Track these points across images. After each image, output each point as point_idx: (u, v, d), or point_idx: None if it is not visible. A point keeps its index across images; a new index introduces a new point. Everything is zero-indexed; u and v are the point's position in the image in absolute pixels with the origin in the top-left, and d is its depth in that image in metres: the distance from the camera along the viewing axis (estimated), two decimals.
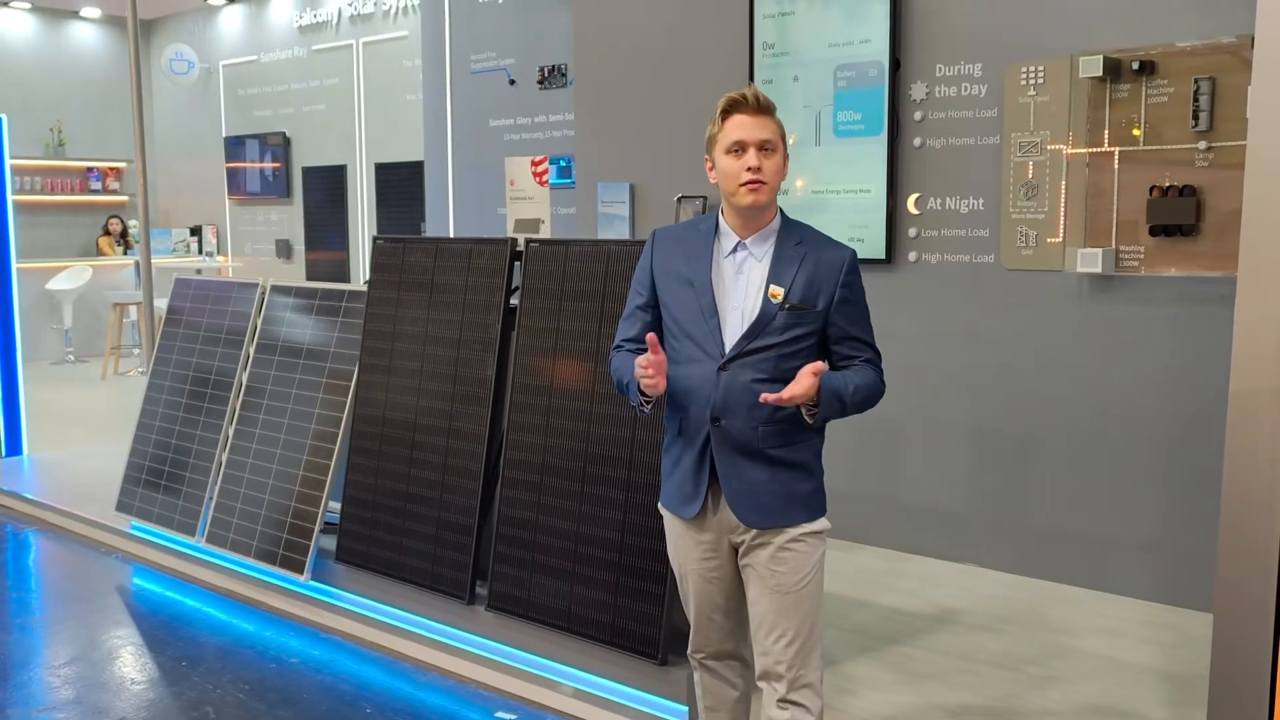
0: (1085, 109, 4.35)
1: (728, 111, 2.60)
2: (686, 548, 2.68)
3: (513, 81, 7.65)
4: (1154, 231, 4.19)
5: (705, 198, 5.45)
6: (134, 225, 13.50)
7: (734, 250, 2.60)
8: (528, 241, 3.95)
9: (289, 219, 12.19)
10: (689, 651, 2.79)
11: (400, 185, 10.76)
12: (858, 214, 4.97)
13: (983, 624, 4.12)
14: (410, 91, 10.57)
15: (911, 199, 4.87)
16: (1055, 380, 4.49)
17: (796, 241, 2.59)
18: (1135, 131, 4.24)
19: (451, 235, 8.21)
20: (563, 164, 7.40)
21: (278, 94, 12.20)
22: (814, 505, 2.60)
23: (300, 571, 4.46)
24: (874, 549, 4.92)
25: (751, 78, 5.27)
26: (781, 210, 2.64)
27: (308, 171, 11.83)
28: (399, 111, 10.79)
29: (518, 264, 4.03)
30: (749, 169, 2.53)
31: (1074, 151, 4.40)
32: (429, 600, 4.10)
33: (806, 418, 2.51)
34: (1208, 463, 4.14)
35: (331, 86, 11.57)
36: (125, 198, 13.97)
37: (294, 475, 4.63)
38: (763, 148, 2.53)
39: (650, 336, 2.48)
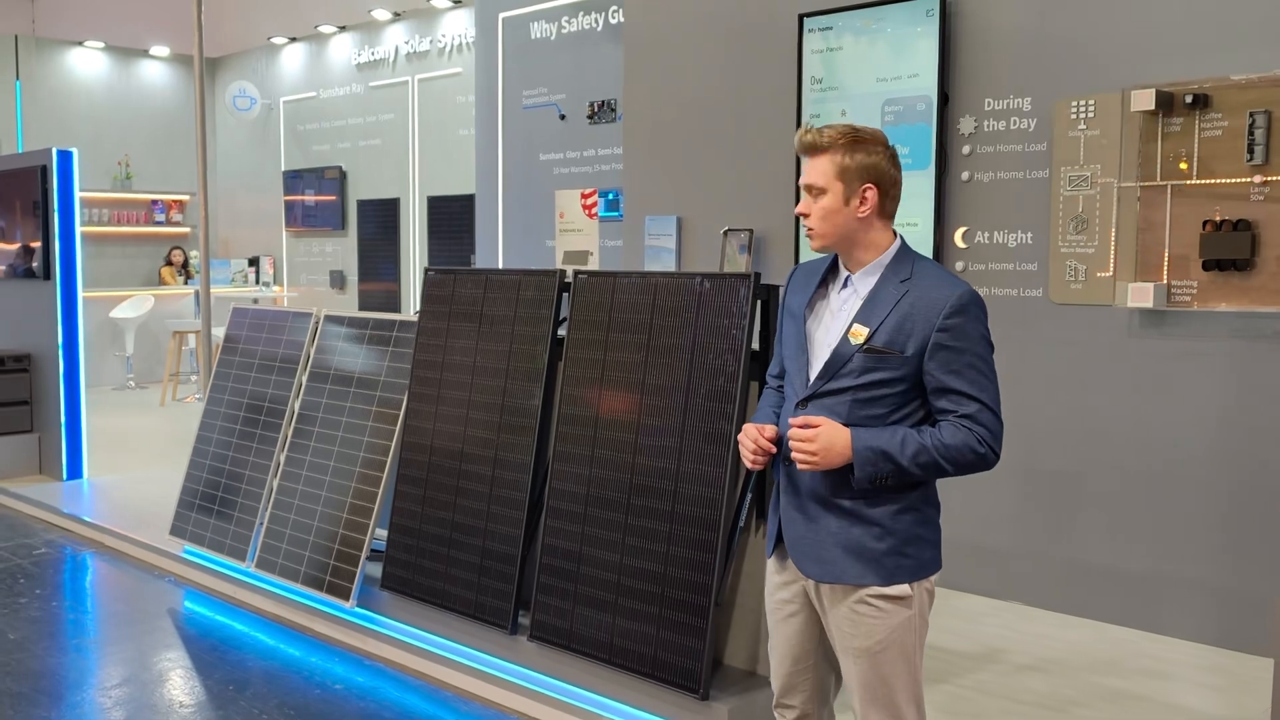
0: (1137, 142, 4.31)
1: (799, 157, 2.54)
2: (770, 582, 2.61)
3: (563, 116, 7.75)
4: (1207, 266, 4.14)
5: (751, 231, 5.47)
6: (195, 256, 13.79)
7: (844, 285, 2.49)
8: (576, 273, 3.99)
9: (343, 250, 12.39)
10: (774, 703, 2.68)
11: (451, 218, 10.90)
12: None
13: (1029, 664, 4.05)
14: (463, 126, 10.74)
15: (959, 233, 4.85)
16: (1104, 416, 4.43)
17: (903, 278, 2.40)
18: (1183, 165, 4.20)
19: (500, 266, 8.29)
20: (610, 197, 7.46)
21: (335, 129, 12.45)
22: (889, 568, 2.39)
23: (346, 598, 4.50)
24: None
25: (799, 113, 5.29)
26: (903, 241, 2.48)
27: (362, 204, 12.03)
28: (452, 146, 10.95)
29: (565, 295, 4.07)
30: (799, 213, 2.49)
31: (1125, 185, 4.36)
32: (472, 629, 4.12)
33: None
34: (1261, 503, 4.07)
35: (387, 122, 11.78)
36: (188, 229, 14.30)
37: (342, 502, 4.69)
38: (810, 191, 2.45)
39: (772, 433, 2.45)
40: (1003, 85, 4.70)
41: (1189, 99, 4.14)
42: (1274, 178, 4.01)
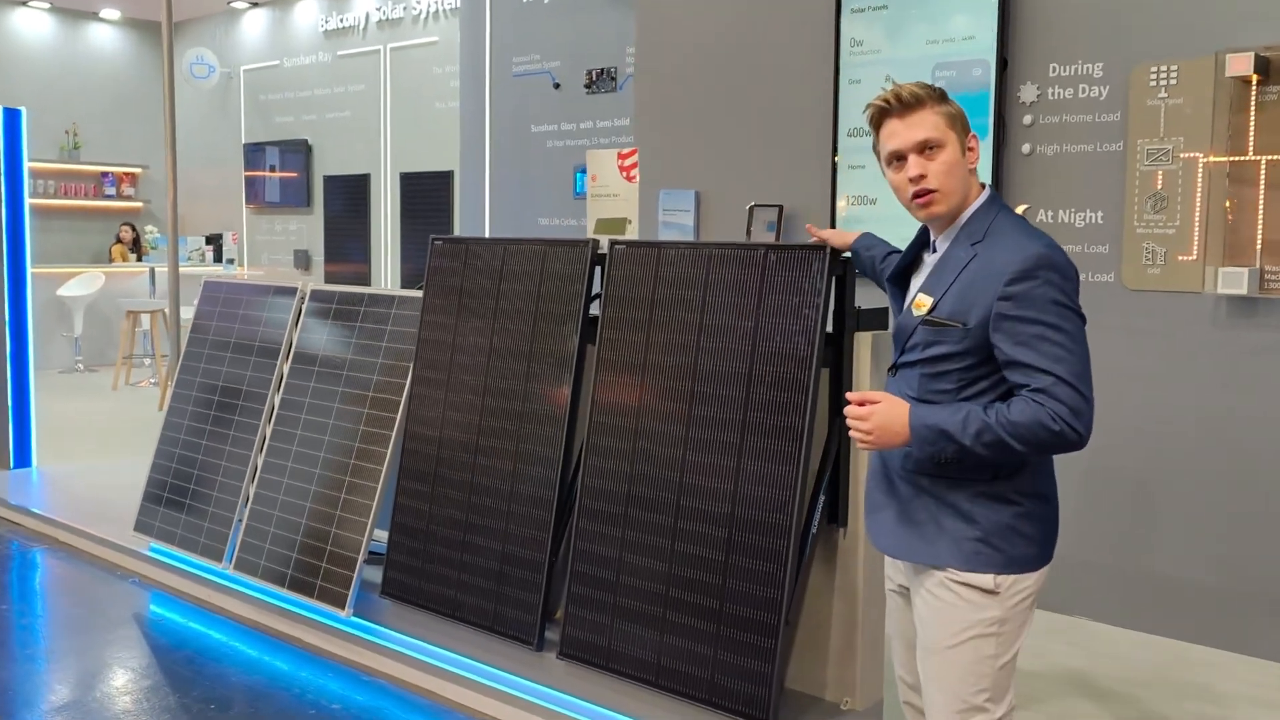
0: (1226, 113, 3.93)
1: (878, 121, 2.29)
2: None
3: (557, 85, 7.26)
4: None
5: (781, 207, 5.03)
6: (150, 231, 13.09)
7: (935, 250, 2.33)
8: (612, 243, 3.53)
9: (308, 229, 11.78)
10: None
11: (427, 195, 10.36)
12: None
13: (1114, 687, 3.66)
14: (440, 99, 10.20)
15: (1020, 210, 4.43)
16: (1184, 414, 4.05)
17: (975, 240, 2.22)
18: None
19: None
20: None
21: (300, 100, 11.83)
22: (967, 553, 2.21)
23: (341, 606, 4.01)
24: None
25: (837, 77, 4.86)
26: (990, 194, 2.27)
27: (329, 180, 11.43)
28: (428, 119, 10.39)
29: (598, 268, 3.60)
30: (911, 180, 2.22)
31: (1212, 160, 3.98)
32: (490, 644, 3.65)
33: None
34: None
35: (357, 93, 11.19)
36: (140, 204, 13.59)
37: (335, 499, 4.19)
38: (923, 149, 2.22)
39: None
40: (1071, 49, 4.29)
41: None
42: None
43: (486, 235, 7.67)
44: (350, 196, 11.18)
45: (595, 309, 3.61)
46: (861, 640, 3.18)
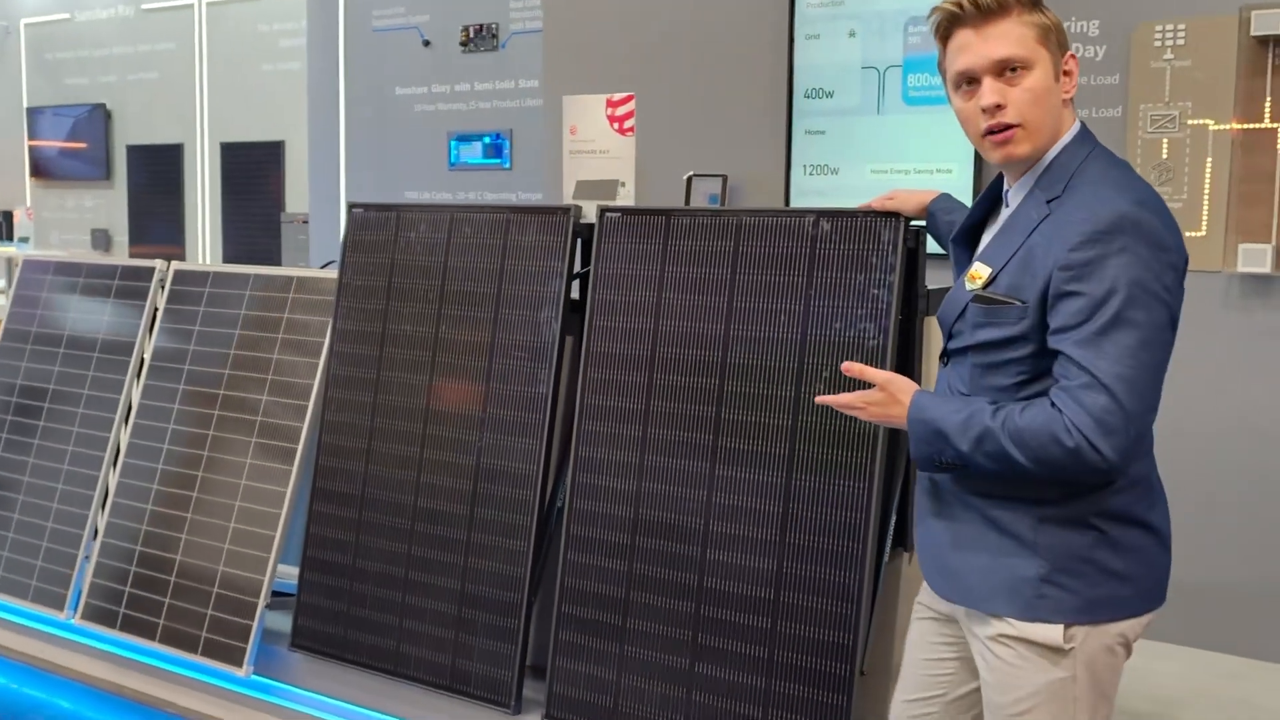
0: (1238, 77, 3.60)
1: (945, 31, 1.79)
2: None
3: (427, 43, 6.46)
4: None
5: (725, 177, 4.46)
6: None
7: (1008, 205, 1.86)
8: (602, 211, 2.87)
9: (108, 205, 10.43)
10: None
11: (253, 168, 9.28)
12: None
13: (1144, 707, 3.27)
14: (268, 60, 9.13)
15: None
16: (1194, 404, 3.71)
17: (1053, 195, 1.76)
18: None
19: (344, 225, 6.93)
20: (489, 141, 6.28)
21: (96, 59, 10.44)
22: (1027, 598, 1.75)
23: (238, 663, 3.20)
24: None
25: (791, 34, 4.32)
26: (1079, 132, 1.82)
27: (134, 150, 10.13)
28: (253, 83, 9.29)
29: (582, 241, 2.94)
30: (984, 110, 1.73)
31: (1223, 128, 3.65)
32: (449, 707, 2.93)
33: None
34: None
35: (166, 53, 9.93)
36: None
37: (221, 529, 3.37)
38: (1003, 71, 1.74)
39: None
40: (1064, 5, 3.85)
41: None
42: None
43: (341, 212, 6.79)
44: (159, 169, 9.94)
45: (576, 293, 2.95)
46: None
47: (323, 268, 3.51)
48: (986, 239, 1.90)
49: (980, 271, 1.80)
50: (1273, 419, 3.63)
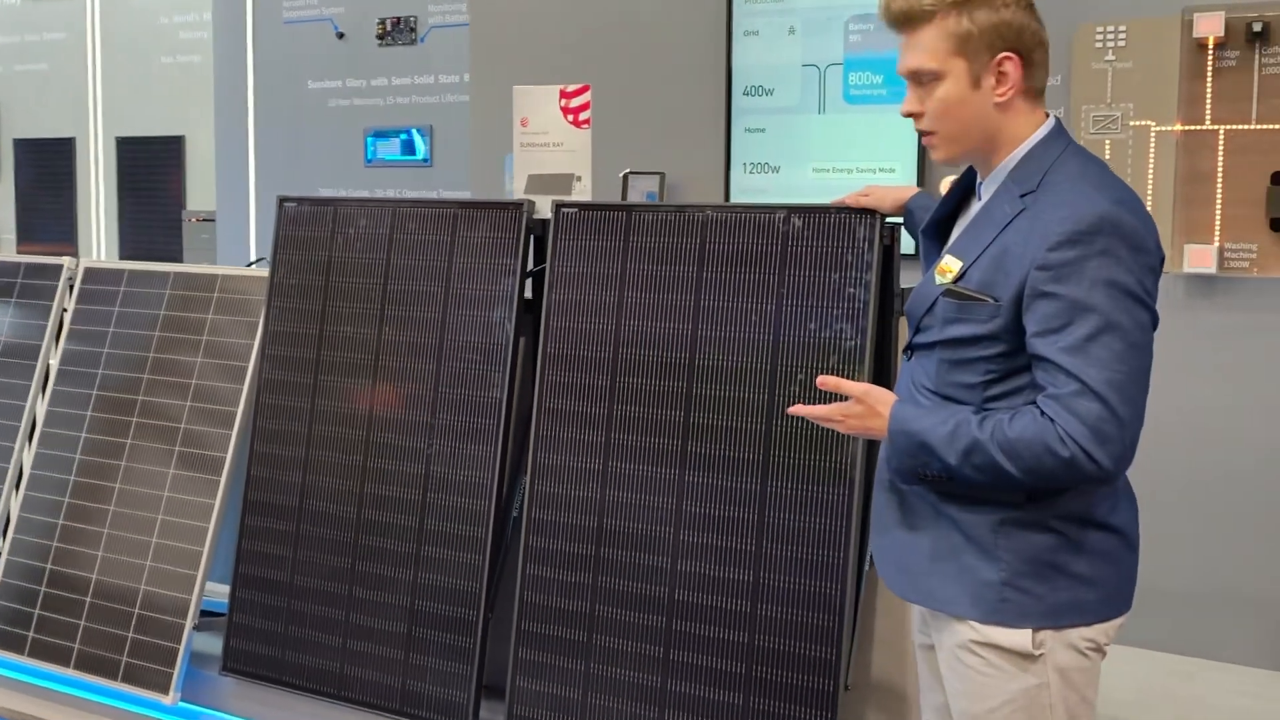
0: (1180, 79, 3.63)
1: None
2: None
3: (341, 35, 6.24)
4: (1276, 226, 3.52)
5: (662, 175, 4.36)
6: None
7: (980, 198, 1.83)
8: (558, 206, 2.74)
9: None
10: None
11: (152, 163, 8.89)
12: None
13: (1102, 710, 3.26)
14: (167, 53, 8.75)
15: (947, 182, 3.98)
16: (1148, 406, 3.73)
17: (1026, 190, 1.72)
18: (1245, 107, 3.56)
19: (254, 222, 6.66)
20: (406, 137, 6.09)
21: None
22: (996, 604, 1.70)
23: (164, 690, 2.99)
24: None
25: (730, 29, 4.24)
26: (1052, 129, 1.77)
27: (21, 145, 9.62)
28: (152, 76, 8.89)
29: (535, 238, 2.81)
30: (904, 115, 1.83)
31: (1166, 129, 3.67)
32: None
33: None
34: None
35: (55, 43, 9.45)
36: None
37: (142, 545, 3.15)
38: (917, 81, 1.77)
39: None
40: None
41: (1258, 27, 3.49)
42: None
43: (252, 210, 6.54)
44: (50, 164, 9.45)
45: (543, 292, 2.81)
46: (913, 703, 2.59)
47: (250, 265, 3.31)
48: (957, 231, 1.86)
49: (951, 265, 1.76)
50: (1218, 419, 3.66)
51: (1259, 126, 3.55)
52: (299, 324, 3.05)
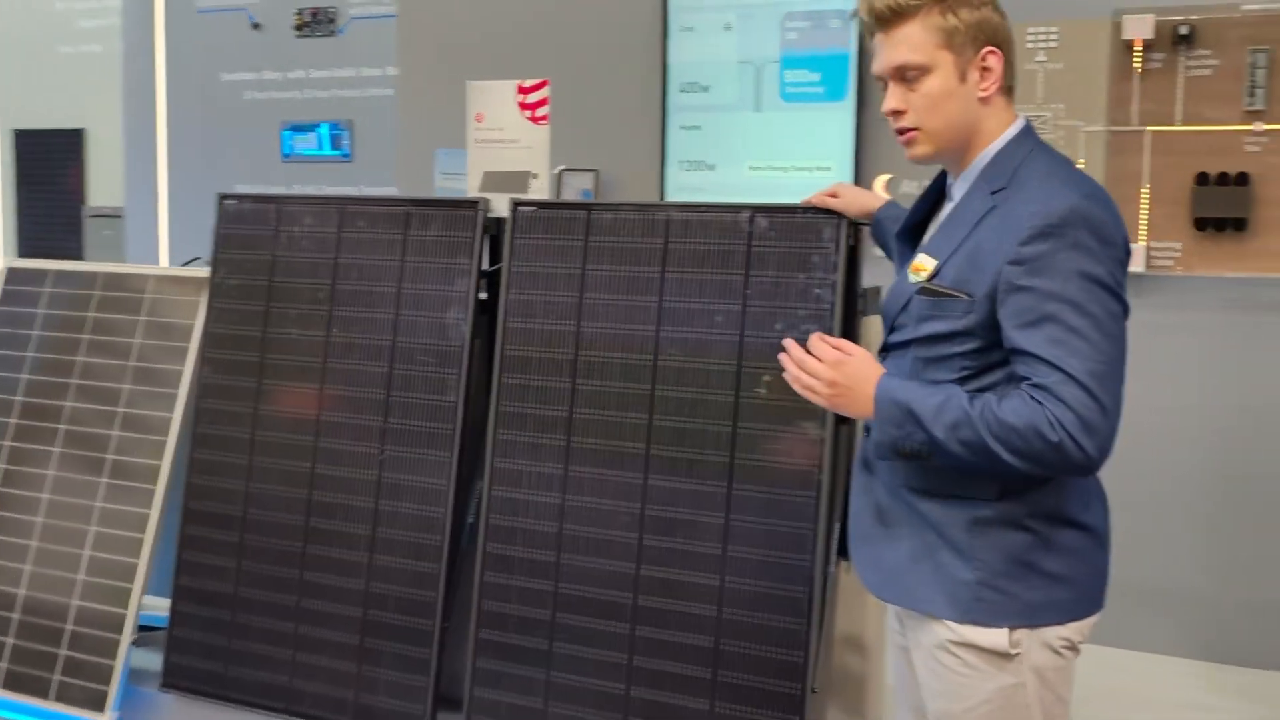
0: (1110, 80, 3.72)
1: (870, 33, 1.83)
2: None
3: (257, 25, 6.06)
4: (1201, 225, 3.63)
5: (597, 172, 4.33)
6: None
7: (951, 199, 1.85)
8: (515, 204, 2.69)
9: None
10: None
11: (49, 157, 8.53)
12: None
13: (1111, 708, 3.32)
14: (65, 42, 8.40)
15: (881, 180, 3.98)
16: None
17: (997, 187, 1.74)
18: (1170, 108, 3.67)
19: (166, 219, 6.44)
20: (324, 132, 5.94)
21: None
22: (970, 603, 1.71)
23: (99, 707, 2.87)
24: None
25: (665, 24, 4.22)
26: (1023, 127, 1.80)
27: None
28: (49, 66, 8.54)
29: (490, 237, 2.76)
30: (886, 114, 1.81)
31: (1095, 129, 3.76)
32: None
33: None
34: (1251, 496, 3.65)
35: None
36: None
37: (73, 557, 3.01)
38: (901, 77, 1.76)
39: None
40: None
41: (1185, 30, 3.60)
42: (1276, 126, 3.57)
43: (163, 206, 6.31)
44: None
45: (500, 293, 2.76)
46: (874, 703, 2.61)
47: (185, 265, 3.19)
48: (930, 232, 1.88)
49: (925, 263, 1.76)
50: (1147, 417, 3.75)
51: (1184, 128, 3.66)
52: (241, 326, 2.94)
